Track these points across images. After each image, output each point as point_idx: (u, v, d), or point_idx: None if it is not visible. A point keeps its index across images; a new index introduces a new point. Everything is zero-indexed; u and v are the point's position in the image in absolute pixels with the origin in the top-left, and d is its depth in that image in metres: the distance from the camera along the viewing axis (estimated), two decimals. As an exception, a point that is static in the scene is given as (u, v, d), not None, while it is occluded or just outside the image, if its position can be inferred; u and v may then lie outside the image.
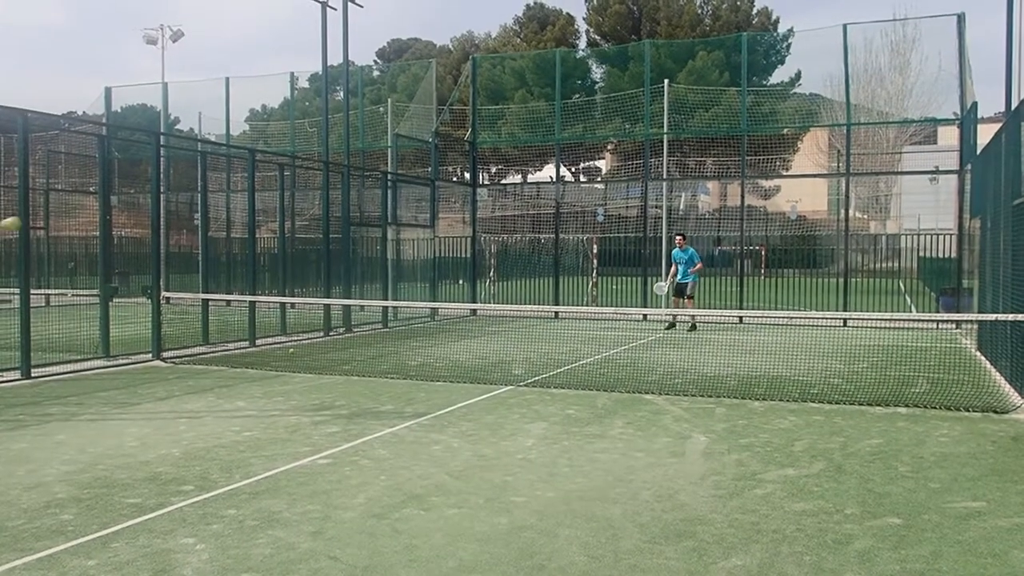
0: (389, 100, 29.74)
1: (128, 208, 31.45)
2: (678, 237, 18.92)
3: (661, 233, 24.17)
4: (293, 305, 18.73)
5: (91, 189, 22.31)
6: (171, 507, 5.61)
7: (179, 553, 4.76)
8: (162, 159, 20.84)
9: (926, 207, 31.86)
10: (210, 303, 15.86)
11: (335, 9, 18.74)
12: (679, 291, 18.41)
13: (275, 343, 15.70)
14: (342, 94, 20.97)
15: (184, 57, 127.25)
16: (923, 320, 19.41)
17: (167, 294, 14.54)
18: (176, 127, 34.87)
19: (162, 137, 18.57)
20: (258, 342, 15.35)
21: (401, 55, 63.05)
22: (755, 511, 5.53)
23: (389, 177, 21.30)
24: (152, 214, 13.99)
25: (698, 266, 18.37)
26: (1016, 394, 9.45)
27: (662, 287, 19.04)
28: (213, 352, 14.26)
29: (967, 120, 18.42)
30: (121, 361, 12.86)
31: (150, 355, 13.22)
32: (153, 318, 13.30)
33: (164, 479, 6.30)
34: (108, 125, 25.97)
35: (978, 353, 14.02)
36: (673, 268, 18.70)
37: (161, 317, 13.36)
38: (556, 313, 21.41)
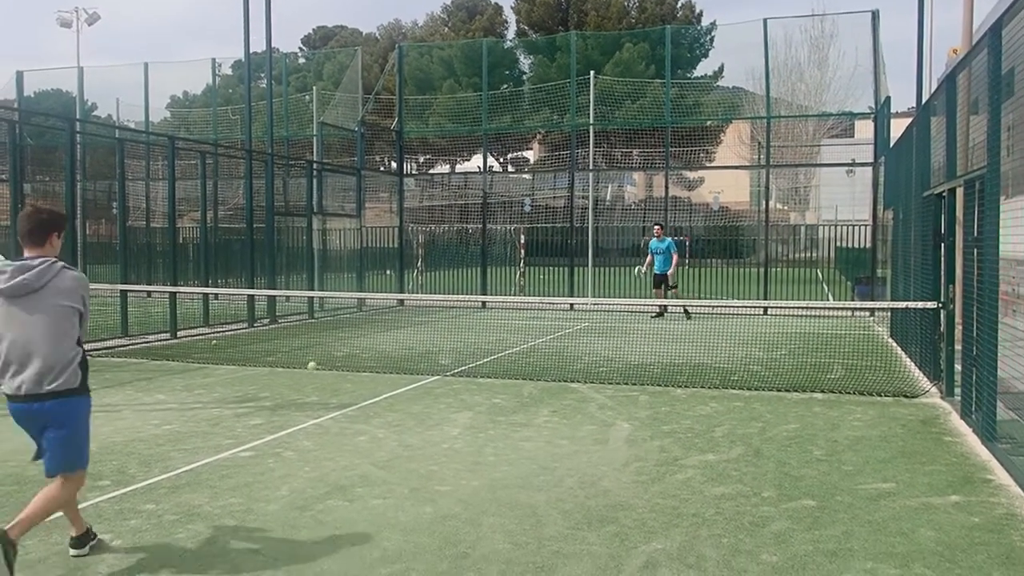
0: (314, 88, 29.30)
1: (42, 196, 30.33)
2: (656, 228, 18.97)
3: (587, 223, 24.35)
4: (216, 296, 18.37)
5: (2, 177, 21.58)
6: (86, 503, 5.47)
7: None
8: (78, 146, 20.18)
9: (843, 198, 32.79)
10: (129, 294, 15.45)
11: (258, -6, 18.37)
12: (659, 283, 18.58)
13: (197, 335, 15.38)
14: (266, 81, 20.59)
15: (101, 41, 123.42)
16: (839, 308, 19.99)
17: (83, 285, 14.13)
18: (93, 113, 33.81)
19: (77, 123, 18.01)
20: (180, 334, 15.02)
21: (327, 42, 62.15)
22: (676, 496, 5.65)
23: (314, 166, 21.03)
24: (67, 203, 13.55)
25: (675, 260, 18.59)
26: (925, 379, 9.81)
27: (641, 271, 19.15)
28: (132, 344, 13.92)
29: (881, 114, 19.01)
30: (34, 354, 12.44)
31: (65, 348, 12.81)
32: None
33: (79, 475, 6.13)
34: (20, 111, 25.08)
35: (891, 340, 14.51)
36: (649, 257, 18.79)
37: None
38: (483, 303, 21.45)
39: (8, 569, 4.16)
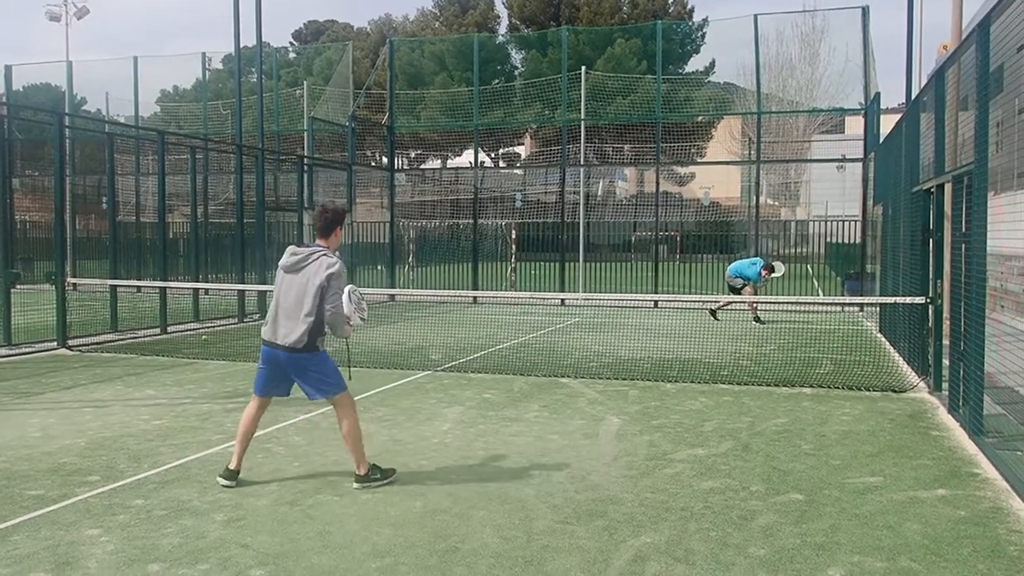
0: (305, 83, 29.26)
1: (32, 192, 30.27)
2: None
3: (579, 219, 24.36)
4: (206, 291, 18.34)
5: (-10, 171, 21.49)
6: (75, 498, 5.47)
7: (83, 545, 4.65)
8: (67, 141, 20.10)
9: (833, 194, 32.83)
10: (119, 289, 15.41)
11: (248, -12, 18.30)
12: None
13: (187, 330, 15.35)
14: (257, 76, 20.54)
15: (90, 35, 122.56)
16: (829, 303, 20.06)
17: (73, 280, 14.08)
18: (83, 108, 33.67)
19: (66, 118, 17.92)
20: (170, 329, 14.99)
21: (318, 37, 62.03)
22: (665, 490, 5.67)
23: (305, 161, 20.98)
24: (56, 197, 13.51)
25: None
26: (913, 374, 9.87)
27: (781, 267, 18.28)
28: (122, 340, 13.88)
29: (870, 110, 19.06)
30: (24, 349, 12.42)
31: (55, 343, 12.79)
32: (57, 305, 12.87)
33: (68, 470, 6.13)
34: (8, 105, 24.96)
35: (879, 335, 14.57)
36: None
37: (67, 304, 12.93)
38: (475, 298, 21.46)
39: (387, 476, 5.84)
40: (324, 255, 5.71)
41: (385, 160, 28.08)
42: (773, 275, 17.54)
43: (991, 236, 6.56)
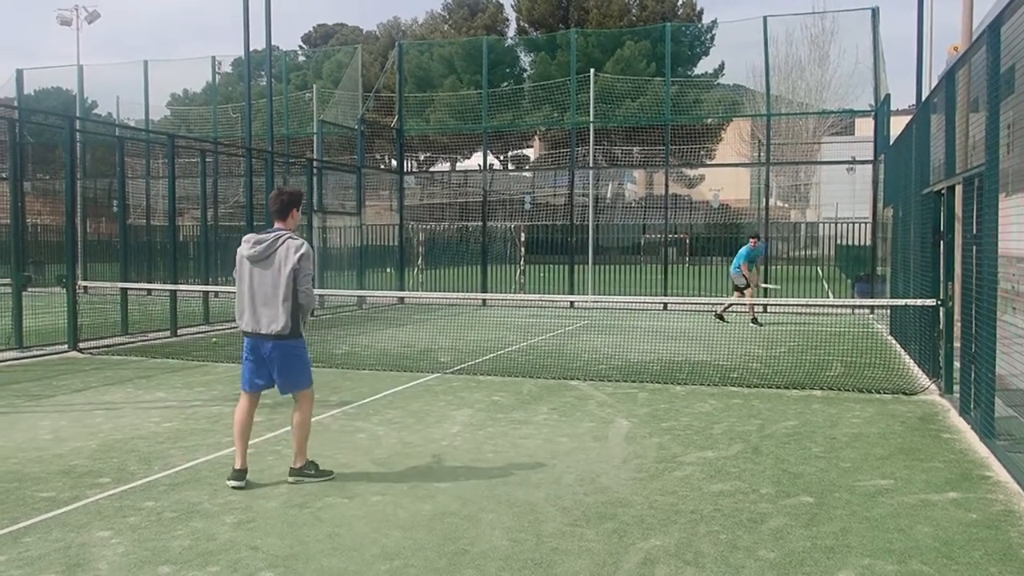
0: (315, 86, 29.30)
1: (43, 195, 30.39)
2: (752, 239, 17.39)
3: (588, 221, 24.35)
4: (216, 294, 18.36)
5: (2, 175, 21.57)
6: (86, 500, 5.49)
7: (94, 547, 4.67)
8: (78, 144, 20.21)
9: (843, 196, 32.77)
10: (130, 292, 15.46)
11: (258, -8, 18.35)
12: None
13: (198, 333, 15.39)
14: (266, 79, 20.58)
15: (101, 39, 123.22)
16: (839, 305, 20.00)
17: (84, 283, 14.13)
18: (93, 111, 33.81)
19: (77, 122, 18.01)
20: (180, 332, 15.03)
21: (327, 40, 62.18)
22: (674, 492, 5.66)
23: (315, 164, 21.03)
24: (67, 201, 13.57)
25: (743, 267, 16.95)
26: (924, 376, 9.82)
27: (774, 287, 17.97)
28: (132, 342, 13.93)
29: (881, 112, 19.00)
30: (35, 352, 12.47)
31: (66, 346, 12.84)
32: (68, 308, 12.93)
33: (79, 472, 6.15)
34: (20, 108, 25.07)
35: (890, 337, 14.52)
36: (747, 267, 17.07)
37: (78, 307, 12.98)
38: (484, 301, 21.46)
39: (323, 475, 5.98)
40: (290, 237, 5.81)
41: (394, 163, 28.13)
42: (766, 286, 17.56)
43: (1002, 238, 6.53)
